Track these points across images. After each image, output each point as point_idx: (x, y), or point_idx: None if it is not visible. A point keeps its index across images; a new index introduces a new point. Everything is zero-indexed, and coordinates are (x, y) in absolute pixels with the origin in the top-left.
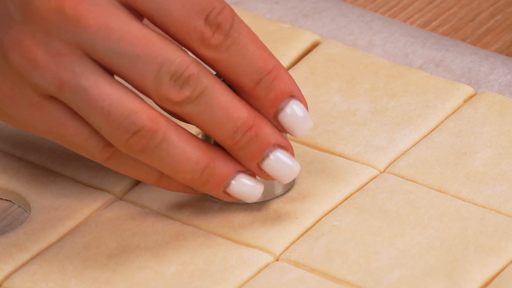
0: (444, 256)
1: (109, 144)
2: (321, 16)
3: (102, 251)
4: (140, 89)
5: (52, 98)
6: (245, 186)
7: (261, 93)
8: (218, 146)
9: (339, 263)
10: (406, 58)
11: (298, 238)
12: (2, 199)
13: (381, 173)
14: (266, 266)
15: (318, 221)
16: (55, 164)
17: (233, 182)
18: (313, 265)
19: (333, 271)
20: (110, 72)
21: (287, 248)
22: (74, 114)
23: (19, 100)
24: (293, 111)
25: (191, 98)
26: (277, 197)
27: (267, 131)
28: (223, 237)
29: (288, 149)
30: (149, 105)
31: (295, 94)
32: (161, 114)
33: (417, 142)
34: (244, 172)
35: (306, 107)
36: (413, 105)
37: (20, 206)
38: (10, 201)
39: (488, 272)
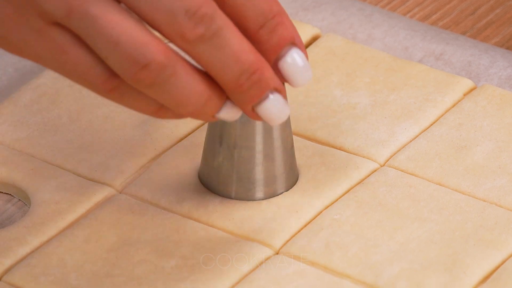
0: (444, 250)
1: (113, 75)
2: (321, 10)
3: (102, 245)
4: (152, 23)
5: (57, 24)
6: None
7: (264, 37)
8: None
9: (339, 256)
10: (406, 52)
11: (298, 232)
12: (2, 192)
13: (381, 166)
14: (266, 259)
15: (318, 214)
16: (55, 157)
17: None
18: (313, 259)
19: (333, 264)
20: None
21: (287, 241)
22: (79, 42)
23: (23, 25)
24: (293, 60)
25: (204, 37)
26: (280, 194)
27: (268, 76)
28: (223, 231)
29: (283, 94)
30: (159, 39)
31: (296, 42)
32: (170, 47)
33: (417, 136)
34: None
35: (307, 57)
36: (413, 98)
37: (20, 200)
38: (10, 194)
39: (488, 265)
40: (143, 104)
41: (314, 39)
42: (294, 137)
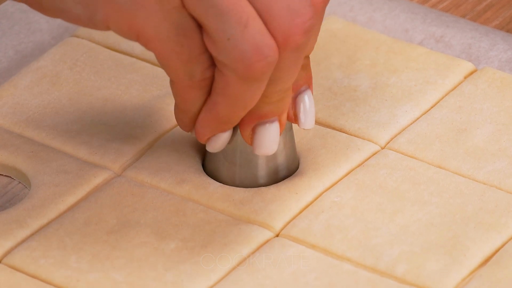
0: (444, 233)
1: (212, 67)
2: None
3: (102, 227)
4: (266, 11)
5: (182, 7)
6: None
7: (273, 99)
8: None
9: (339, 239)
10: (406, 34)
11: (298, 214)
12: (2, 175)
13: (382, 148)
14: (266, 242)
15: (318, 196)
16: (55, 140)
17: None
18: (313, 241)
19: (333, 247)
20: None
21: (287, 223)
22: (199, 27)
23: (154, 2)
24: (310, 99)
25: (300, 47)
26: (282, 179)
27: (289, 101)
28: (223, 212)
29: (282, 129)
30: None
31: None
32: None
33: (418, 118)
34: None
35: None
36: (413, 81)
37: (20, 182)
38: (10, 177)
39: (488, 248)
40: (197, 104)
41: None
42: None
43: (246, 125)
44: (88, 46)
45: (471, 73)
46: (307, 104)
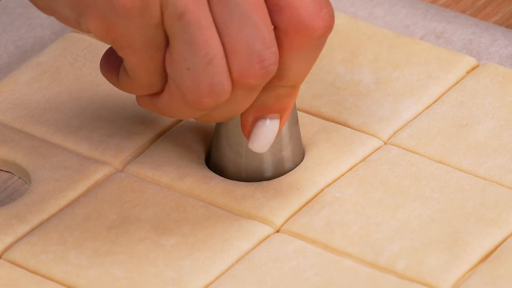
0: (445, 228)
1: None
2: None
3: (102, 223)
4: (228, 47)
5: (161, 25)
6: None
7: (279, 95)
8: None
9: (340, 235)
10: (407, 30)
11: (299, 209)
12: (3, 170)
13: (384, 143)
14: (266, 237)
15: (320, 192)
16: (55, 135)
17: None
18: (314, 237)
19: (333, 243)
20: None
21: (288, 219)
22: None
23: (137, 15)
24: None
25: (253, 88)
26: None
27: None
28: (224, 208)
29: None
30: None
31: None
32: None
33: (420, 113)
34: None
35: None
36: (416, 76)
37: (20, 178)
38: (10, 172)
39: (489, 244)
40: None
41: None
42: (299, 113)
43: (246, 118)
44: (88, 41)
45: (473, 68)
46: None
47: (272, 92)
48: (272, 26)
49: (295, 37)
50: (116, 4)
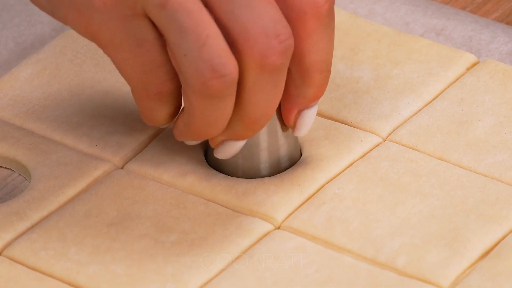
0: (445, 225)
1: (174, 79)
2: None
3: (102, 220)
4: (239, 31)
5: (143, 16)
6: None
7: (318, 83)
8: None
9: (340, 231)
10: (407, 27)
11: (300, 206)
12: (3, 167)
13: (384, 140)
14: (266, 234)
15: (320, 188)
16: (55, 132)
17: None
18: (314, 233)
19: (333, 239)
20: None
21: (288, 215)
22: (159, 38)
23: (112, 9)
24: (314, 114)
25: (276, 69)
26: (284, 169)
27: (327, 81)
28: (225, 204)
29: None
30: (232, 54)
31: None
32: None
33: (420, 110)
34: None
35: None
36: (416, 72)
37: (20, 174)
38: (10, 169)
39: (489, 240)
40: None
41: None
42: None
43: (291, 112)
44: None
45: (473, 65)
46: (308, 118)
47: (312, 81)
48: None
49: (308, 19)
50: None
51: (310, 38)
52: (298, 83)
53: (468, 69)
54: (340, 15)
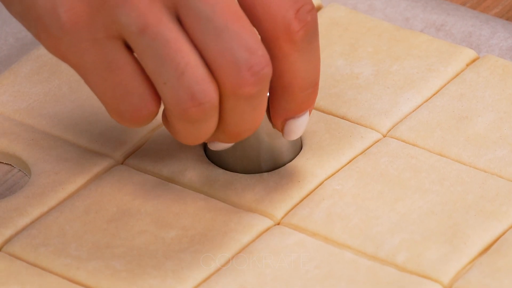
0: (445, 221)
1: (147, 105)
2: None
3: (102, 216)
4: (213, 65)
5: (117, 39)
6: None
7: (299, 100)
8: None
9: (340, 227)
10: (407, 23)
11: (299, 202)
12: (3, 163)
13: (383, 136)
14: (266, 230)
15: (320, 184)
16: (55, 128)
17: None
18: (314, 229)
19: (334, 235)
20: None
21: (288, 212)
22: (134, 61)
23: (84, 29)
24: (302, 123)
25: (252, 96)
26: (286, 164)
27: (315, 95)
28: (225, 200)
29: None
30: (212, 79)
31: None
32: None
33: (420, 106)
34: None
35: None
36: (416, 68)
37: (20, 170)
38: (10, 165)
39: (489, 236)
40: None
41: (316, 9)
42: None
43: (276, 120)
44: None
45: (473, 60)
46: (295, 125)
47: (293, 98)
48: (255, 30)
49: (282, 44)
50: (61, 17)
51: (287, 60)
52: (280, 99)
53: (468, 65)
54: (340, 11)
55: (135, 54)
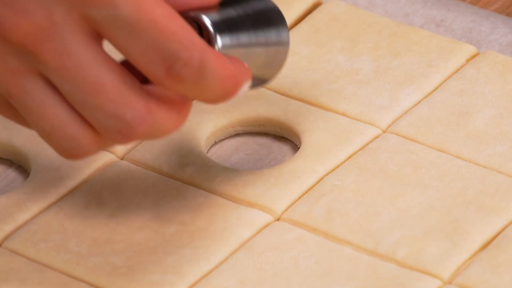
0: (445, 216)
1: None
2: None
3: (103, 211)
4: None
5: (36, 74)
6: None
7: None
8: None
9: (340, 223)
10: (407, 18)
11: (300, 197)
12: (3, 158)
13: (383, 132)
14: (266, 226)
15: (320, 180)
16: None
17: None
18: (314, 225)
19: (333, 231)
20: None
21: (288, 207)
22: (58, 96)
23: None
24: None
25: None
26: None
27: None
28: (225, 196)
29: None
30: (89, 131)
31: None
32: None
33: (420, 102)
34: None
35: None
36: (416, 64)
37: (20, 166)
38: (10, 160)
39: (489, 232)
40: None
41: (315, 6)
42: (298, 103)
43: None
44: None
45: (473, 56)
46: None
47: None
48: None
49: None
50: None
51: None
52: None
53: (468, 61)
54: (340, 7)
55: None
